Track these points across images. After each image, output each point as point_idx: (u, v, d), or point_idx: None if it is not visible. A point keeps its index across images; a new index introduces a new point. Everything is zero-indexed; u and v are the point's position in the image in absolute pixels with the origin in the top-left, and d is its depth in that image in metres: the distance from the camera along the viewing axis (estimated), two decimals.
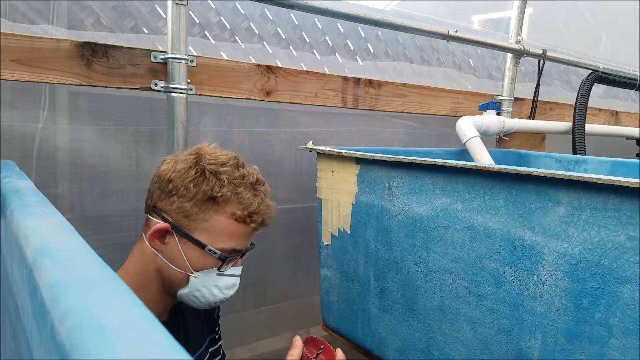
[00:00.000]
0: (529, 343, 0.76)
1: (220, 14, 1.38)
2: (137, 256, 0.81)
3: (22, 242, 0.39)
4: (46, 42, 0.98)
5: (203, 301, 0.80)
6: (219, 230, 0.77)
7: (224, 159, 0.78)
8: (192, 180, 0.75)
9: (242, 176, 0.78)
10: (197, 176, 0.75)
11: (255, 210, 0.78)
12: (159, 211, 0.77)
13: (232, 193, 0.76)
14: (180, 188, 0.75)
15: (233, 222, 0.77)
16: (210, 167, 0.76)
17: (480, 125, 1.47)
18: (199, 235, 0.76)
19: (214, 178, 0.75)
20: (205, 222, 0.76)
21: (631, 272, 0.63)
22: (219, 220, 0.76)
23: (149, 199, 0.80)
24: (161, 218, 0.77)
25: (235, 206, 0.77)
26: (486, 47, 1.71)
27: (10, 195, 0.59)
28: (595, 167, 1.36)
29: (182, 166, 0.77)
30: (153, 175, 0.81)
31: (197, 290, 0.78)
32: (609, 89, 2.56)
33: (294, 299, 1.70)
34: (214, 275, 0.78)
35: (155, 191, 0.79)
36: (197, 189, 0.75)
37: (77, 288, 0.28)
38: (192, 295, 0.79)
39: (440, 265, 0.88)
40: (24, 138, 1.13)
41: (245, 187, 0.78)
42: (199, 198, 0.75)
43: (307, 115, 1.60)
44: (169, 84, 1.09)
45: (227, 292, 0.81)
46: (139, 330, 0.23)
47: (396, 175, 0.95)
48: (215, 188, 0.75)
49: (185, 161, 0.77)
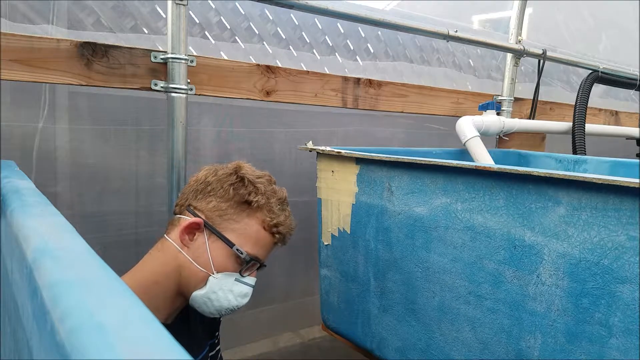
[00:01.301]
0: (529, 343, 0.76)
1: (220, 14, 1.38)
2: (155, 255, 0.83)
3: (22, 242, 0.39)
4: (46, 42, 0.98)
5: (216, 305, 0.81)
6: (248, 234, 0.82)
7: (260, 173, 0.87)
8: (232, 184, 0.82)
9: (273, 191, 0.86)
10: (237, 181, 0.82)
11: (282, 223, 0.85)
12: (192, 209, 0.82)
13: (265, 202, 0.83)
14: (218, 189, 0.82)
15: (261, 229, 0.83)
16: (249, 176, 0.83)
17: (480, 125, 1.47)
18: (229, 235, 0.81)
19: (252, 185, 0.83)
20: (236, 224, 0.81)
21: (631, 272, 0.63)
22: (249, 224, 0.82)
23: (182, 200, 0.85)
24: (194, 216, 0.81)
25: (265, 215, 0.83)
26: (486, 47, 1.71)
27: (10, 195, 0.59)
28: (595, 167, 1.36)
29: (223, 172, 0.84)
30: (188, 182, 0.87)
31: (213, 293, 0.80)
32: (609, 89, 2.56)
33: (294, 299, 1.70)
34: (232, 280, 0.81)
35: (190, 192, 0.84)
36: (235, 191, 0.82)
37: (77, 288, 0.28)
38: (206, 297, 0.80)
39: (440, 265, 0.88)
40: (24, 138, 1.13)
41: (276, 201, 0.85)
42: (236, 200, 0.81)
43: (307, 115, 1.60)
44: (169, 84, 1.09)
45: (240, 300, 0.84)
46: (139, 330, 0.23)
47: (396, 175, 0.95)
48: (252, 194, 0.82)
49: (226, 168, 0.85)
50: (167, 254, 0.81)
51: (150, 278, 0.80)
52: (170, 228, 0.84)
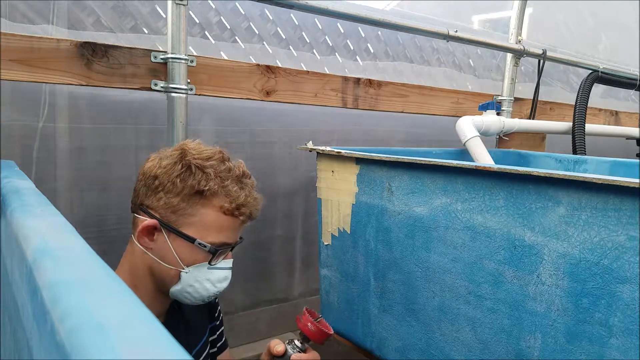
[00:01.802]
0: (529, 343, 0.76)
1: (220, 14, 1.38)
2: (127, 258, 0.81)
3: (22, 242, 0.39)
4: (46, 42, 0.97)
5: (196, 296, 0.79)
6: (208, 224, 0.76)
7: (209, 154, 0.78)
8: (179, 175, 0.75)
9: (228, 170, 0.78)
10: (183, 171, 0.75)
11: (242, 203, 0.78)
12: (145, 208, 0.77)
13: (219, 187, 0.76)
14: (166, 184, 0.75)
15: (221, 215, 0.77)
16: (195, 162, 0.76)
17: (480, 125, 1.47)
18: (188, 229, 0.76)
19: (200, 172, 0.75)
20: (193, 217, 0.76)
21: (631, 272, 0.63)
22: (206, 214, 0.76)
23: (135, 198, 0.80)
24: (148, 215, 0.76)
25: (222, 199, 0.77)
26: (486, 47, 1.71)
27: (10, 195, 0.59)
28: (595, 167, 1.36)
29: (167, 162, 0.76)
30: (138, 174, 0.81)
31: (189, 286, 0.78)
32: (609, 89, 2.56)
33: (293, 299, 1.70)
34: (205, 269, 0.78)
35: (141, 189, 0.78)
36: (183, 183, 0.75)
37: (77, 288, 0.28)
38: (184, 291, 0.78)
39: (440, 265, 0.88)
40: (24, 138, 1.13)
41: (232, 181, 0.78)
42: (186, 193, 0.75)
43: (307, 115, 1.60)
44: (169, 84, 1.09)
45: (219, 285, 0.80)
46: (139, 330, 0.23)
47: (396, 175, 0.95)
48: (202, 182, 0.75)
49: (170, 157, 0.77)
50: (136, 256, 0.79)
51: (129, 282, 0.79)
52: (133, 227, 0.80)
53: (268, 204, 1.57)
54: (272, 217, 1.59)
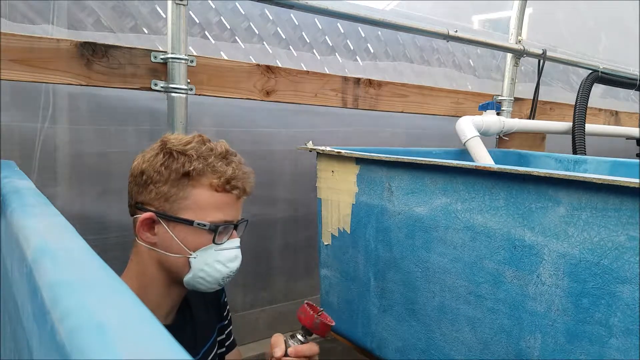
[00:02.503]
0: (529, 343, 0.76)
1: (220, 14, 1.38)
2: (134, 261, 0.82)
3: (22, 242, 0.39)
4: (46, 42, 0.97)
5: (210, 280, 0.80)
6: (203, 204, 0.77)
7: (188, 138, 0.80)
8: (162, 164, 0.77)
9: (209, 149, 0.79)
10: (165, 159, 0.77)
11: (231, 176, 0.79)
12: (141, 206, 0.79)
13: (203, 165, 0.77)
14: (153, 175, 0.77)
15: (213, 192, 0.78)
16: (176, 148, 0.78)
17: (480, 125, 1.47)
18: (185, 214, 0.77)
19: (182, 156, 0.77)
20: (186, 200, 0.77)
21: (631, 272, 0.63)
22: (198, 193, 0.77)
23: (129, 200, 0.81)
24: (144, 211, 0.78)
25: (210, 177, 0.77)
26: (486, 47, 1.71)
27: (10, 195, 0.59)
28: (595, 167, 1.36)
29: (149, 155, 0.79)
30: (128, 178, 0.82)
31: (201, 271, 0.78)
32: (609, 89, 2.56)
33: (294, 299, 1.70)
34: (212, 251, 0.79)
35: (132, 189, 0.80)
36: (168, 170, 0.76)
37: (77, 288, 0.28)
38: (197, 277, 0.79)
39: (440, 265, 0.88)
40: (24, 138, 1.13)
41: (216, 157, 0.79)
42: (173, 178, 0.76)
43: (307, 115, 1.60)
44: (169, 84, 1.09)
45: (231, 265, 0.81)
46: (139, 330, 0.23)
47: (396, 175, 0.95)
48: (186, 164, 0.76)
49: (152, 149, 0.80)
50: (142, 255, 0.80)
51: (137, 284, 0.80)
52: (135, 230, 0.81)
53: (268, 203, 1.57)
54: (272, 217, 1.59)
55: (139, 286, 0.80)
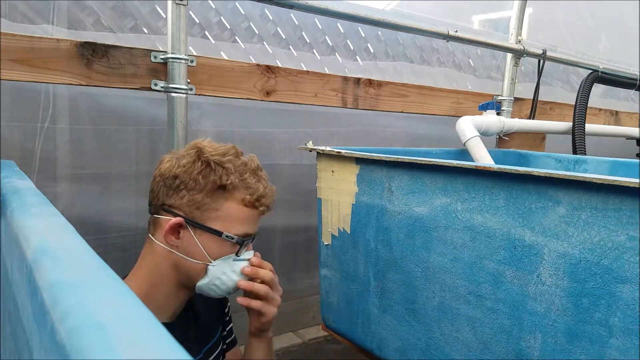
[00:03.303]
0: (529, 343, 0.76)
1: (220, 14, 1.38)
2: (147, 259, 0.82)
3: (22, 242, 0.39)
4: (46, 42, 0.98)
5: (223, 288, 0.82)
6: (232, 217, 0.79)
7: (224, 150, 0.81)
8: (200, 173, 0.77)
9: (244, 164, 0.82)
10: (203, 168, 0.78)
11: (262, 194, 0.82)
12: (168, 208, 0.79)
13: (239, 180, 0.79)
14: (188, 182, 0.77)
15: (243, 207, 0.80)
16: (214, 158, 0.78)
17: (480, 125, 1.47)
18: (213, 224, 0.79)
19: (220, 168, 0.78)
20: (217, 211, 0.79)
21: (631, 272, 0.63)
22: (230, 207, 0.79)
23: (154, 199, 0.81)
24: (172, 214, 0.79)
25: (243, 192, 0.80)
26: (486, 47, 1.71)
27: (10, 195, 0.59)
28: (595, 167, 1.36)
29: (185, 161, 0.79)
30: (153, 176, 0.82)
31: (217, 279, 0.80)
32: (609, 89, 2.56)
33: (294, 299, 1.70)
34: (231, 261, 0.81)
35: (160, 190, 0.80)
36: (206, 180, 0.77)
37: (77, 288, 0.28)
38: (212, 284, 0.80)
39: (440, 265, 0.88)
40: (24, 138, 1.13)
41: (250, 174, 0.81)
42: (209, 188, 0.78)
43: (307, 115, 1.60)
44: (169, 84, 1.09)
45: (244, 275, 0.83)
46: (138, 330, 0.23)
47: (396, 175, 0.95)
48: (223, 177, 0.78)
49: (188, 156, 0.80)
50: (158, 255, 0.80)
51: (148, 282, 0.80)
52: (152, 228, 0.82)
53: None
54: (272, 217, 1.59)
55: (149, 284, 0.80)
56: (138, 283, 0.80)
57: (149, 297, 0.80)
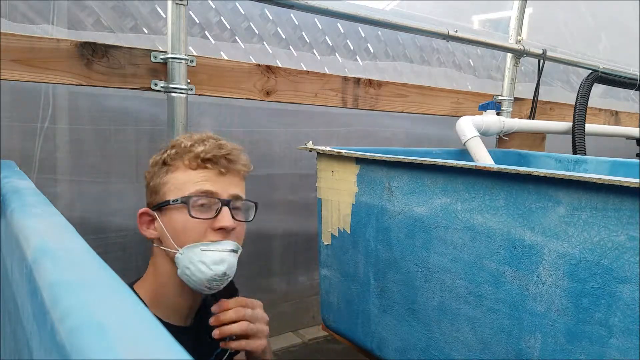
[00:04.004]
0: (529, 343, 0.76)
1: (220, 14, 1.38)
2: (151, 260, 0.84)
3: (22, 242, 0.39)
4: (46, 42, 0.98)
5: (195, 279, 0.76)
6: (179, 184, 0.78)
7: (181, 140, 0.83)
8: (151, 164, 0.83)
9: (189, 137, 0.81)
10: (154, 158, 0.82)
11: (203, 151, 0.77)
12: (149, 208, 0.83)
13: (177, 149, 0.79)
14: (146, 176, 0.83)
15: (189, 171, 0.78)
16: (167, 152, 0.81)
17: (480, 125, 1.47)
18: (166, 197, 0.79)
19: (164, 150, 0.81)
20: (166, 185, 0.79)
21: (631, 272, 0.63)
22: (175, 177, 0.79)
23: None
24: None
25: (184, 158, 0.78)
26: (486, 47, 1.71)
27: (10, 195, 0.59)
28: (595, 167, 1.36)
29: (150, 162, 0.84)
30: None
31: (186, 268, 0.76)
32: (609, 89, 2.56)
33: (293, 299, 1.70)
34: (198, 250, 0.76)
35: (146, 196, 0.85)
36: (154, 167, 0.81)
37: (77, 288, 0.28)
38: (184, 274, 0.77)
39: (440, 265, 0.88)
40: (24, 138, 1.13)
41: (192, 142, 0.80)
42: (155, 171, 0.81)
43: (307, 115, 1.60)
44: (169, 84, 1.09)
45: (215, 267, 0.76)
46: (139, 330, 0.23)
47: (396, 175, 0.95)
48: (163, 155, 0.80)
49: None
50: (156, 255, 0.82)
51: (155, 282, 0.81)
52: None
53: (268, 204, 1.57)
54: (272, 217, 1.59)
55: (157, 285, 0.81)
56: (147, 284, 0.82)
57: (159, 298, 0.80)
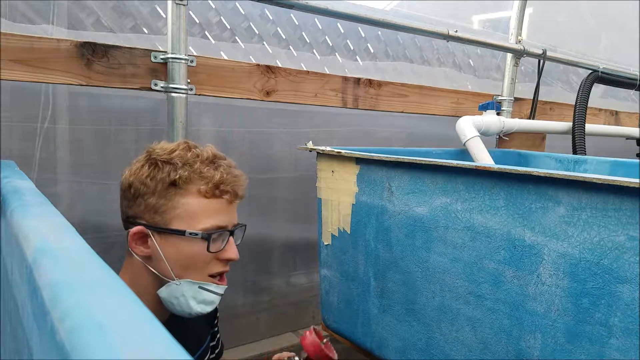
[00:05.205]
0: (529, 343, 0.76)
1: (220, 14, 1.38)
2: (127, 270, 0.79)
3: (22, 242, 0.39)
4: (46, 42, 0.98)
5: (178, 310, 0.77)
6: (193, 212, 0.74)
7: (173, 146, 0.77)
8: (148, 175, 0.74)
9: (195, 155, 0.76)
10: (151, 169, 0.74)
11: (220, 181, 0.76)
12: (132, 220, 0.76)
13: (189, 172, 0.74)
14: (140, 187, 0.74)
15: (202, 199, 0.75)
16: (161, 157, 0.75)
17: (480, 125, 1.47)
18: (177, 224, 0.74)
19: (167, 165, 0.74)
20: (176, 210, 0.74)
21: (631, 272, 0.63)
22: (187, 202, 0.74)
23: (122, 215, 0.79)
24: (136, 224, 0.75)
25: (198, 183, 0.75)
26: (486, 47, 1.71)
27: (10, 195, 0.59)
28: (595, 167, 1.36)
29: (135, 167, 0.76)
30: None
31: (175, 298, 0.76)
32: (609, 89, 2.56)
33: (293, 299, 1.70)
34: (196, 287, 0.76)
35: (122, 203, 0.78)
36: (154, 181, 0.74)
37: (77, 288, 0.28)
38: (169, 301, 0.77)
39: (440, 265, 0.88)
40: (24, 138, 1.13)
41: (202, 163, 0.76)
42: (160, 189, 0.74)
43: (307, 115, 1.60)
44: (169, 84, 1.09)
45: (203, 307, 0.77)
46: (139, 330, 0.23)
47: (396, 175, 0.95)
48: (171, 173, 0.73)
49: (138, 162, 0.77)
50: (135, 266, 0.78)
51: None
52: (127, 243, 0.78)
53: (268, 204, 1.57)
54: (272, 217, 1.59)
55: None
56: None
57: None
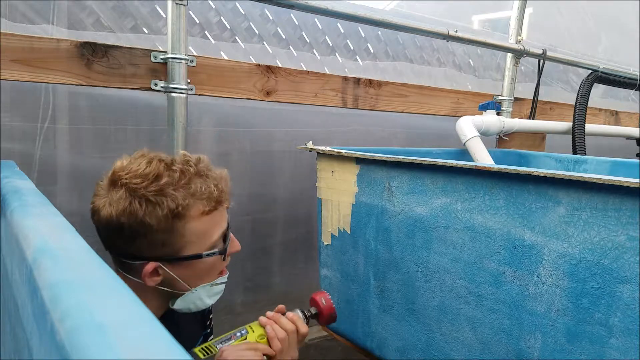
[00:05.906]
0: (529, 343, 0.76)
1: (220, 14, 1.38)
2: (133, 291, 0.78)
3: (22, 242, 0.39)
4: (46, 42, 0.97)
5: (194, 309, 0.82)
6: (201, 233, 0.74)
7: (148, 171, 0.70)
8: (144, 214, 0.68)
9: (182, 174, 0.72)
10: (145, 207, 0.68)
11: (217, 196, 0.75)
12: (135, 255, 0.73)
13: (187, 197, 0.71)
14: (138, 229, 0.69)
15: (206, 217, 0.74)
16: (149, 190, 0.69)
17: (480, 125, 1.47)
18: (188, 250, 0.73)
19: (162, 197, 0.69)
20: (184, 237, 0.72)
21: (631, 272, 0.63)
22: (194, 227, 0.72)
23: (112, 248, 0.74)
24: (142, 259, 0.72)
25: (198, 205, 0.72)
26: (486, 47, 1.71)
27: (10, 195, 0.59)
28: (595, 167, 1.36)
29: (122, 206, 0.69)
30: (95, 226, 0.73)
31: (192, 303, 0.80)
32: (609, 89, 2.56)
33: (293, 298, 1.70)
34: (208, 287, 0.80)
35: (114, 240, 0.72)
36: (155, 218, 0.69)
37: (77, 288, 0.28)
38: (186, 308, 0.80)
39: (440, 265, 0.88)
40: (24, 138, 1.13)
41: (192, 181, 0.72)
42: (163, 225, 0.69)
43: (307, 115, 1.60)
44: (169, 84, 1.09)
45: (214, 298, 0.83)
46: (139, 330, 0.23)
47: (396, 175, 0.95)
48: (171, 205, 0.69)
49: (120, 199, 0.69)
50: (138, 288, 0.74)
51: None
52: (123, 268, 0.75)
53: (268, 203, 1.57)
54: (272, 217, 1.59)
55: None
56: None
57: None
